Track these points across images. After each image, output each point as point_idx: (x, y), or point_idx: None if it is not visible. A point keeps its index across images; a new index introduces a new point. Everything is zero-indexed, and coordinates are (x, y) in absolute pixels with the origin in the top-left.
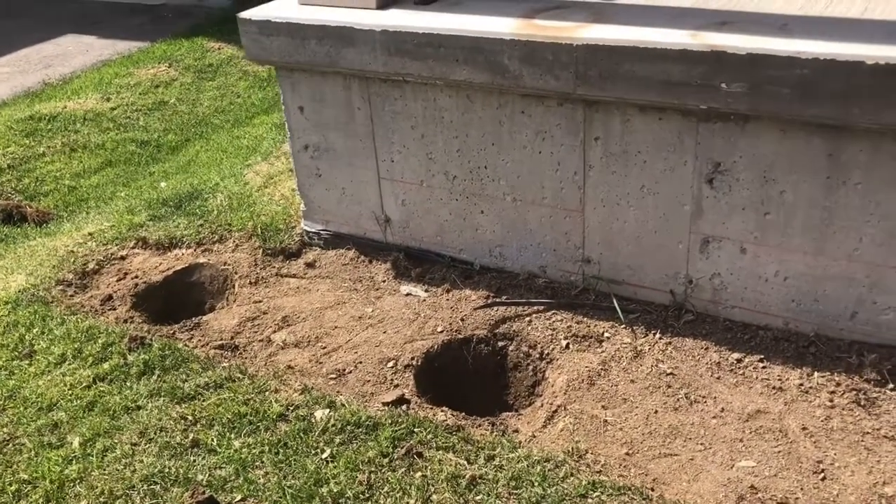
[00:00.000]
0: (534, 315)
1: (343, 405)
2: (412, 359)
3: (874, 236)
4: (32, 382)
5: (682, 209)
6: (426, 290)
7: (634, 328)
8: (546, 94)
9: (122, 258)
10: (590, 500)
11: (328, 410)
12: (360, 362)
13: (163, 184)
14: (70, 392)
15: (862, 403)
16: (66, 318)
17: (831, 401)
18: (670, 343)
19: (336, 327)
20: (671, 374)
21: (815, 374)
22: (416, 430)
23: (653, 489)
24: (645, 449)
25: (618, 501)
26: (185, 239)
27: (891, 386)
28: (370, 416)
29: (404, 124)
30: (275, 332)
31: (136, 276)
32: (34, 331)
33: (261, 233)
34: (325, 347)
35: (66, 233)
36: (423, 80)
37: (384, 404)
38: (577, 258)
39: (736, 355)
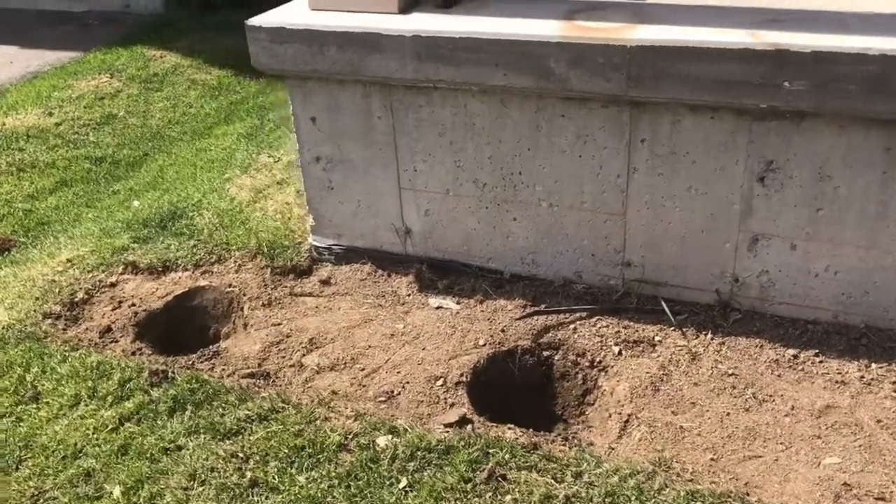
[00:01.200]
0: (577, 322)
1: (405, 430)
2: (461, 375)
3: None
4: (48, 428)
5: (732, 208)
6: (458, 302)
7: (684, 330)
8: (591, 96)
9: (112, 285)
10: None
11: (390, 436)
12: (407, 382)
13: (136, 203)
14: (95, 436)
15: None
16: (66, 354)
17: None
18: (724, 343)
19: (370, 346)
20: (732, 374)
21: (873, 365)
22: (490, 450)
23: (748, 493)
24: (728, 453)
25: None
26: (179, 261)
27: None
28: (438, 439)
29: (430, 132)
30: (304, 355)
31: (134, 304)
32: (34, 370)
33: (266, 251)
34: (363, 369)
35: (37, 260)
36: (455, 86)
37: (447, 425)
38: (617, 262)
39: (791, 351)
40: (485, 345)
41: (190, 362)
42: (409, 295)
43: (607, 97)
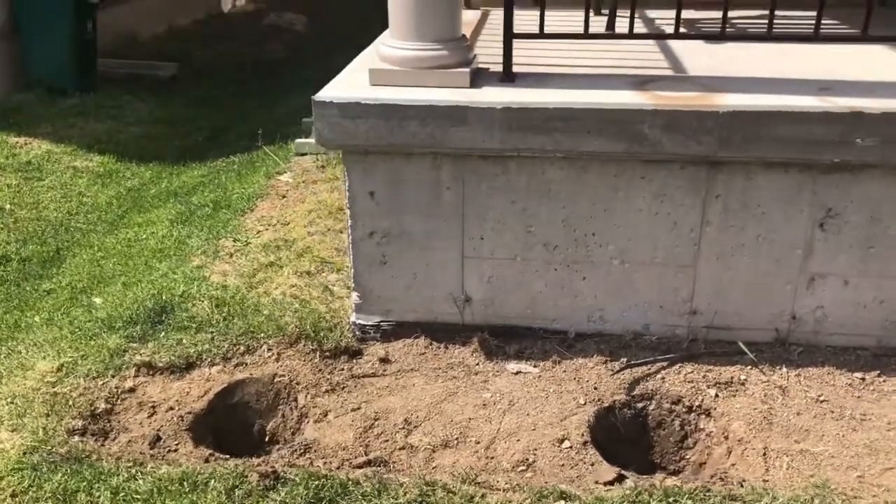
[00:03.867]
0: (662, 372)
1: (577, 495)
2: (581, 434)
3: None
4: None
5: (794, 253)
6: (534, 366)
7: (761, 367)
8: (674, 158)
9: (132, 390)
10: None
11: (564, 503)
12: (535, 449)
13: (97, 300)
14: None
15: None
16: (132, 471)
17: None
18: (799, 375)
19: (469, 419)
20: (824, 400)
21: None
22: (672, 499)
23: None
24: (867, 468)
25: None
26: (203, 356)
27: None
28: (611, 497)
29: (502, 200)
30: (407, 436)
31: (172, 408)
32: (102, 496)
33: (312, 334)
34: (478, 442)
35: (6, 375)
36: (539, 153)
37: (607, 483)
38: (685, 311)
39: (858, 374)
40: (585, 403)
41: (286, 461)
42: (478, 364)
43: (688, 158)
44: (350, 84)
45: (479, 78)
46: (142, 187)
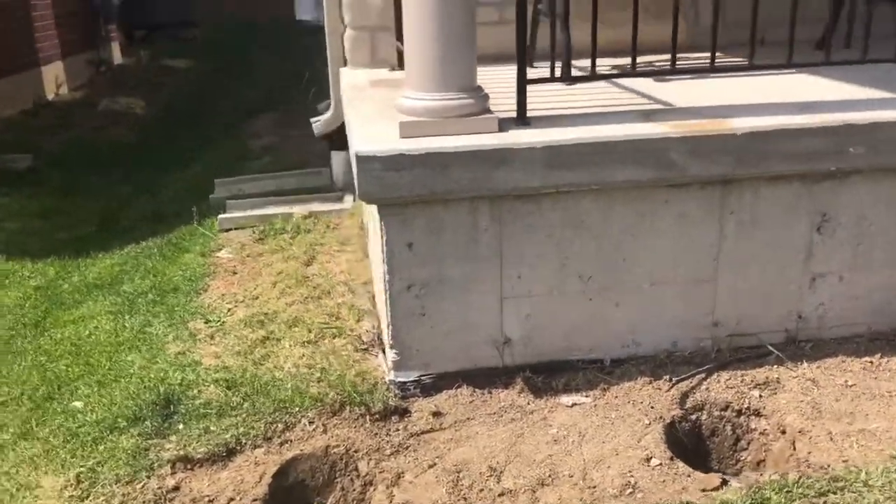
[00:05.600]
0: (703, 383)
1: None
2: (662, 451)
3: None
4: None
5: (797, 257)
6: (586, 396)
7: (787, 365)
8: (692, 180)
9: (176, 488)
10: None
11: None
12: (629, 472)
13: (76, 404)
14: None
15: None
16: None
17: None
18: (820, 366)
19: (550, 455)
20: (852, 385)
21: None
22: (786, 493)
23: None
24: None
25: None
26: (242, 440)
27: None
28: (732, 500)
29: (538, 236)
30: (498, 481)
31: (232, 499)
32: None
33: (357, 398)
34: (572, 475)
35: (14, 498)
36: (575, 187)
37: (715, 490)
38: (708, 324)
39: (866, 359)
40: (650, 423)
41: None
42: (528, 403)
43: (706, 179)
44: (372, 138)
45: (501, 122)
46: (50, 285)
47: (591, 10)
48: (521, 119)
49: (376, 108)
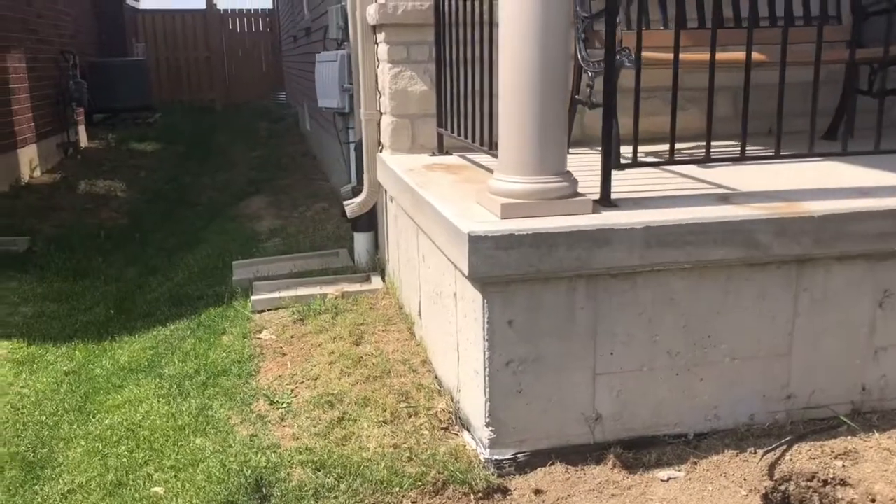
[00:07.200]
0: (786, 455)
1: None
2: None
3: None
4: None
5: (862, 331)
6: (678, 470)
7: (860, 436)
8: (773, 259)
9: None
10: None
11: None
12: None
13: (157, 489)
14: None
15: None
16: None
17: None
18: (891, 437)
19: None
20: None
21: None
22: None
23: None
24: None
25: None
26: None
27: None
28: None
29: (630, 314)
30: None
31: None
32: None
33: (461, 478)
34: None
35: None
36: (670, 266)
37: None
38: (782, 397)
39: None
40: (747, 494)
41: None
42: (624, 479)
43: (784, 258)
44: (472, 218)
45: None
46: (81, 369)
47: (634, 101)
48: (607, 200)
49: (452, 191)
